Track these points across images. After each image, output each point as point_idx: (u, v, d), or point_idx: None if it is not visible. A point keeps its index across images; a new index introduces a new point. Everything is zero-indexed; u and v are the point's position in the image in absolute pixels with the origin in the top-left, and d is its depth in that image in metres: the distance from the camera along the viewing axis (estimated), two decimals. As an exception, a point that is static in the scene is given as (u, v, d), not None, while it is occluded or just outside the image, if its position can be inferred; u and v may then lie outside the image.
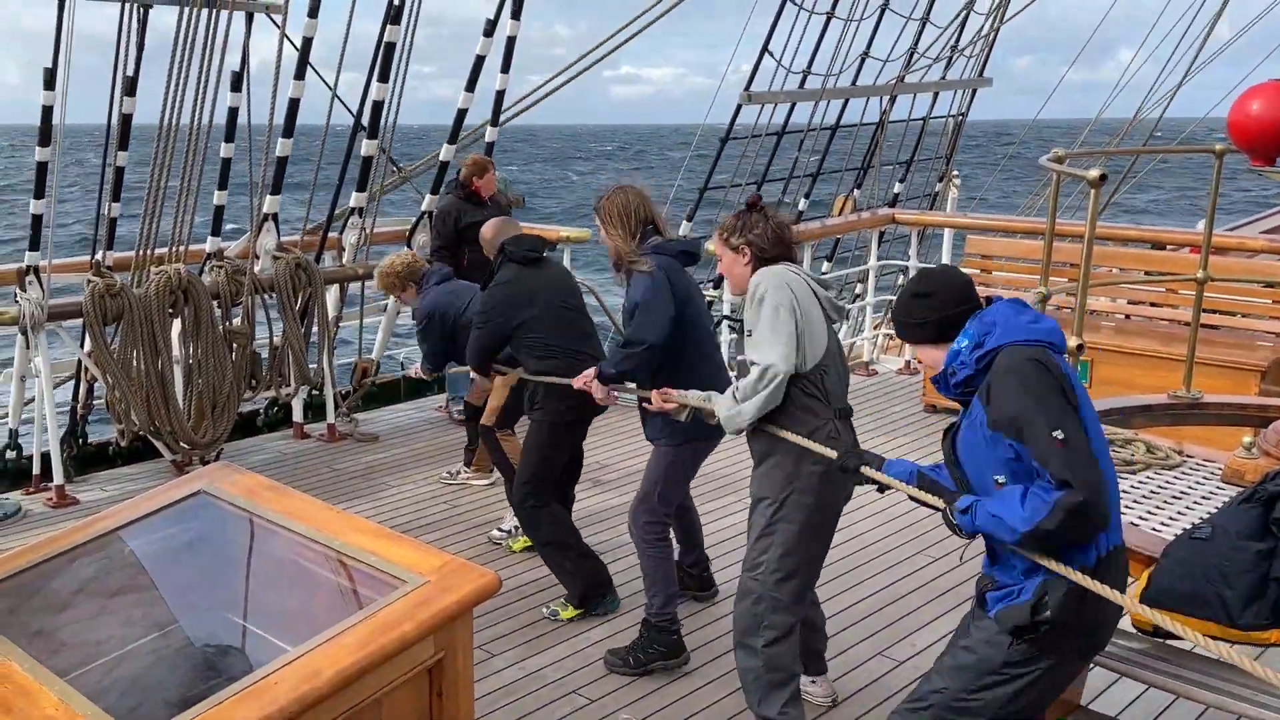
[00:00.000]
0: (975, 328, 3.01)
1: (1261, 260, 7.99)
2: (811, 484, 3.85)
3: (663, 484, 4.73)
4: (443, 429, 8.12)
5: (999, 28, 11.87)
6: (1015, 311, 3.00)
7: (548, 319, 5.20)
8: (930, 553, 5.78)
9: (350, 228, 8.05)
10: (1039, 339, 2.94)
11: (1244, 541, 3.40)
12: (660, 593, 4.75)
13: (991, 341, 2.95)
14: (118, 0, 6.74)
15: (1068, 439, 2.78)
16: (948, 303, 3.07)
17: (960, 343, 3.02)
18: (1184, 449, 4.70)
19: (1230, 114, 4.42)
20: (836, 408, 3.88)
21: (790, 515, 3.88)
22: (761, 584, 3.93)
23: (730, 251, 4.00)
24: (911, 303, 3.14)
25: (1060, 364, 2.94)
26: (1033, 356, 2.89)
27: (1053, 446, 2.79)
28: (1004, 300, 3.06)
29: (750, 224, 3.96)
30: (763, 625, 3.93)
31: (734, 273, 4.03)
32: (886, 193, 11.70)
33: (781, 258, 3.96)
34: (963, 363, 3.00)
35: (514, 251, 5.29)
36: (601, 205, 4.69)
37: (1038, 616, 2.93)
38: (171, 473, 7.15)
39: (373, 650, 2.67)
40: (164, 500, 3.39)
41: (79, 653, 2.89)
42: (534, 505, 5.21)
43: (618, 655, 4.75)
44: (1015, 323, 2.96)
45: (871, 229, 10.36)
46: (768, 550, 3.92)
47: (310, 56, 7.36)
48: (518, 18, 8.08)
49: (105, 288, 6.54)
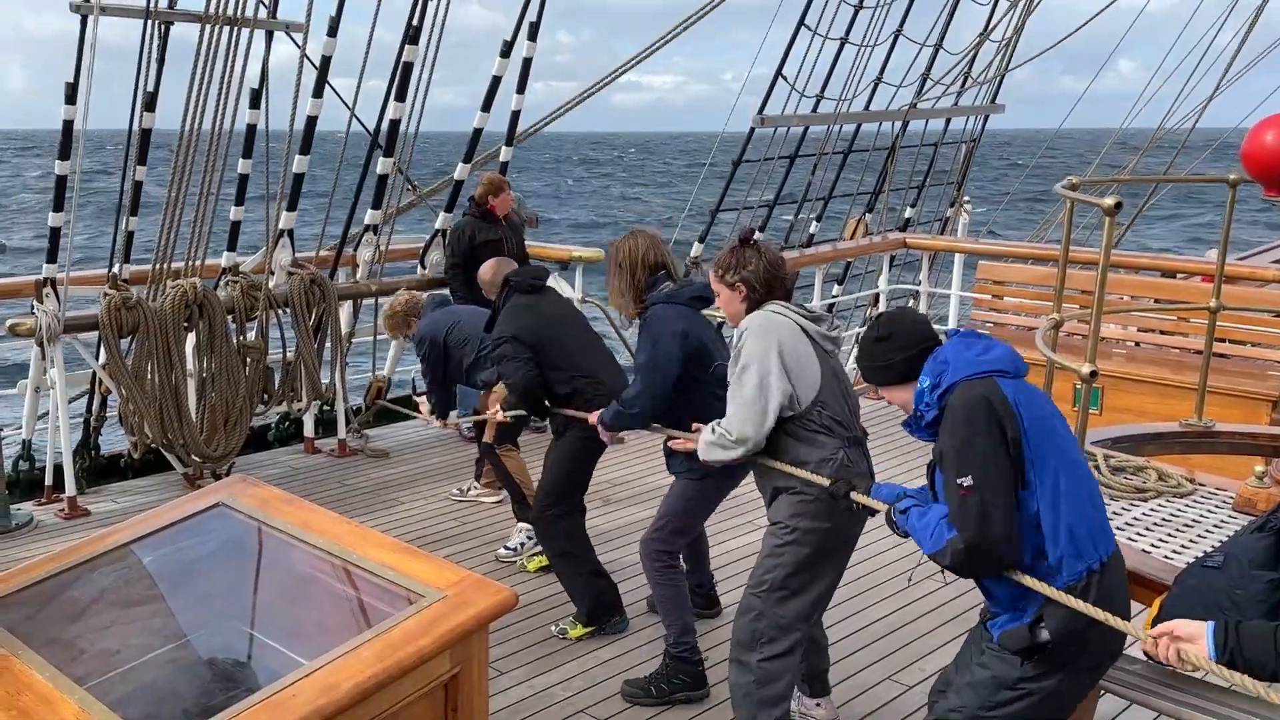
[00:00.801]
0: (930, 367, 3.11)
1: (1273, 290, 8.00)
2: (825, 510, 3.84)
3: (679, 518, 4.73)
4: (453, 446, 8.14)
5: (1011, 56, 11.92)
6: (964, 346, 3.10)
7: (573, 345, 5.27)
8: (940, 576, 5.74)
9: (365, 245, 8.10)
10: (987, 369, 3.02)
11: (1256, 570, 3.40)
12: (676, 622, 4.73)
13: (946, 379, 3.05)
14: (140, 17, 6.81)
15: (973, 487, 2.91)
16: (907, 344, 3.18)
17: (922, 383, 3.12)
18: (1196, 477, 4.70)
19: (1244, 145, 4.46)
20: (846, 436, 3.89)
21: (803, 539, 3.89)
22: (764, 601, 3.93)
23: (726, 289, 4.05)
24: (873, 347, 3.25)
25: (1010, 392, 2.99)
26: (980, 392, 2.97)
27: (955, 493, 2.95)
28: (955, 336, 3.16)
29: (744, 260, 3.99)
30: (760, 641, 3.92)
31: (731, 309, 4.08)
32: (898, 217, 11.74)
33: (775, 293, 4.00)
34: (927, 404, 3.10)
35: (519, 282, 5.39)
36: (610, 252, 4.77)
37: (1036, 639, 2.99)
38: (183, 485, 7.19)
39: (390, 664, 2.69)
40: (183, 512, 3.42)
41: (98, 661, 2.91)
42: (555, 515, 5.22)
43: (637, 685, 4.72)
44: (964, 358, 3.06)
45: (883, 253, 10.40)
46: (774, 569, 3.93)
47: (329, 71, 7.42)
48: (534, 39, 8.14)
49: (121, 301, 6.59)
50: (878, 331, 3.27)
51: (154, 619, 3.19)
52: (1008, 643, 3.06)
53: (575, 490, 5.30)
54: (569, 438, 5.24)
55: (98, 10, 6.51)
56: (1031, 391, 3.08)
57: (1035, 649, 3.00)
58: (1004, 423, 2.93)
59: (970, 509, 2.93)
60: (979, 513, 2.92)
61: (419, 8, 7.55)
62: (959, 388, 3.01)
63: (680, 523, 4.74)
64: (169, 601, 3.30)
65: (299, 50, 7.37)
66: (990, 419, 2.93)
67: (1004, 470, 2.93)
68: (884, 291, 10.58)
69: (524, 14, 8.03)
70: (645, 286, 4.66)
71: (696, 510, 4.78)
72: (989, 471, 2.92)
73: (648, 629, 5.24)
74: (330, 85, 7.45)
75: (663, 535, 4.72)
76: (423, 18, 7.56)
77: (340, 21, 7.46)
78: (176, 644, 3.11)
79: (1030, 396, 3.04)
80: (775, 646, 3.93)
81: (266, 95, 7.26)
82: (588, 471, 5.36)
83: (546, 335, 5.23)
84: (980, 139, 12.46)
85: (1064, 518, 2.97)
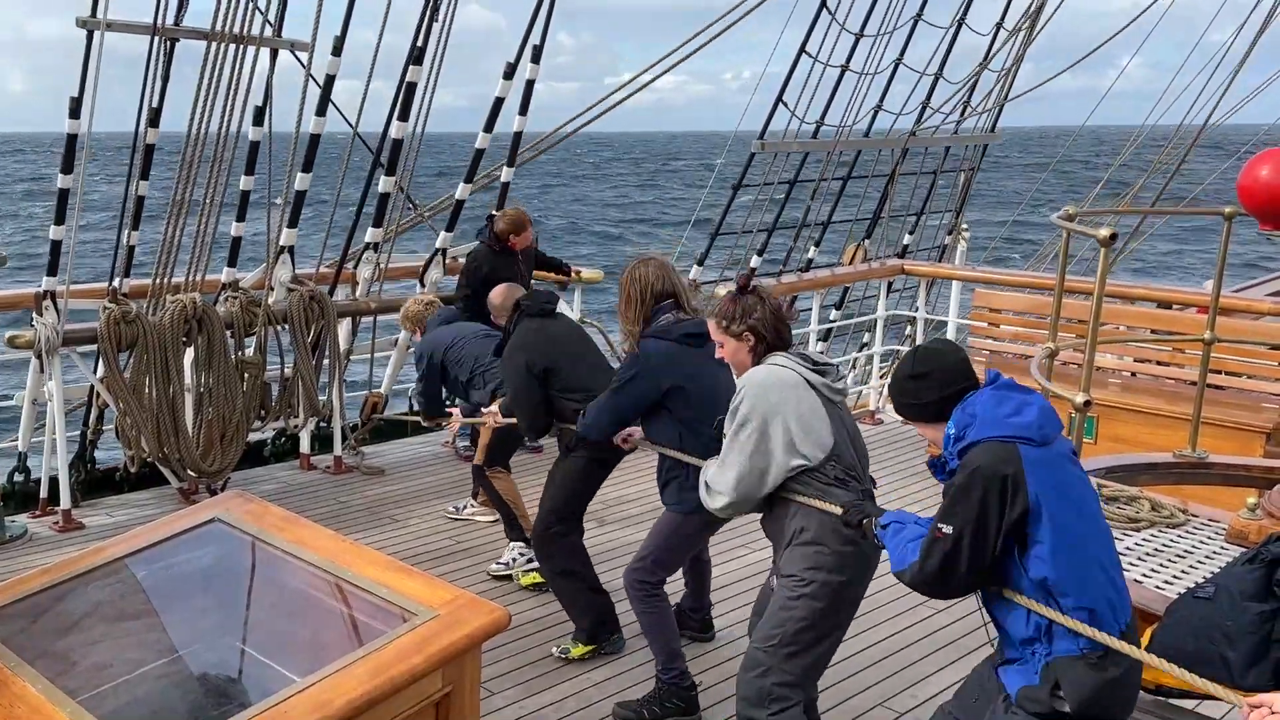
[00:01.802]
0: (959, 417, 3.07)
1: (1268, 322, 8.03)
2: (844, 563, 3.78)
3: (663, 550, 4.72)
4: (449, 464, 8.15)
5: (1010, 86, 11.99)
6: (996, 401, 3.03)
7: (578, 368, 5.33)
8: (933, 603, 5.78)
9: (365, 263, 8.13)
10: (1014, 434, 2.97)
11: (1247, 602, 3.42)
12: (661, 650, 4.73)
13: (971, 435, 3.02)
14: (146, 33, 6.86)
15: (949, 538, 2.95)
16: (945, 382, 3.14)
17: (948, 430, 3.09)
18: (1189, 508, 4.72)
19: (1240, 178, 4.49)
20: (860, 490, 3.84)
21: (818, 594, 3.79)
22: (772, 656, 3.83)
23: (733, 340, 3.94)
24: (909, 383, 3.20)
25: (1029, 464, 2.93)
26: (995, 462, 2.93)
27: (933, 532, 3.00)
28: (988, 389, 3.09)
29: (748, 308, 3.89)
30: (769, 699, 3.84)
31: (739, 360, 3.97)
32: (896, 243, 11.79)
33: (783, 339, 3.93)
34: (950, 454, 3.08)
35: (530, 306, 5.48)
36: (622, 279, 4.76)
37: (1057, 706, 2.96)
38: (178, 500, 7.19)
39: (382, 682, 2.70)
40: (179, 527, 3.43)
41: (91, 675, 2.91)
42: (557, 533, 5.22)
43: (630, 709, 4.70)
44: (993, 415, 3.01)
45: (881, 279, 10.44)
46: (785, 624, 3.81)
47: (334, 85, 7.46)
48: (538, 61, 8.19)
49: (121, 314, 6.61)
50: (914, 367, 3.20)
51: (147, 633, 3.19)
52: (1027, 704, 3.02)
53: (578, 511, 5.31)
54: (576, 457, 5.25)
55: (104, 26, 6.55)
56: (1055, 461, 3.01)
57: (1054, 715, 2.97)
58: (1008, 499, 2.90)
59: (936, 551, 3.00)
60: (942, 560, 2.98)
61: (424, 28, 7.60)
62: (979, 447, 2.97)
63: (664, 555, 4.73)
64: (162, 616, 3.31)
65: (304, 69, 7.41)
66: (997, 493, 2.90)
67: (983, 542, 2.94)
68: (881, 317, 10.61)
69: (528, 35, 8.09)
70: (650, 315, 4.68)
71: (682, 544, 4.78)
72: (970, 536, 2.94)
73: (640, 651, 5.23)
74: (334, 104, 7.49)
75: (645, 566, 4.71)
76: (428, 37, 7.61)
77: (345, 42, 7.50)
78: (169, 659, 3.11)
79: (1052, 468, 2.97)
80: (784, 703, 3.85)
81: (270, 114, 7.31)
82: (592, 492, 5.37)
83: (555, 357, 5.31)
84: (979, 167, 12.52)
85: (1088, 593, 2.94)
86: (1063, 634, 2.96)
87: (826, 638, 3.91)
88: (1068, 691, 2.95)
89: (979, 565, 2.96)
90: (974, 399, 3.07)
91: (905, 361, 3.26)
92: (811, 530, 3.79)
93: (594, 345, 5.65)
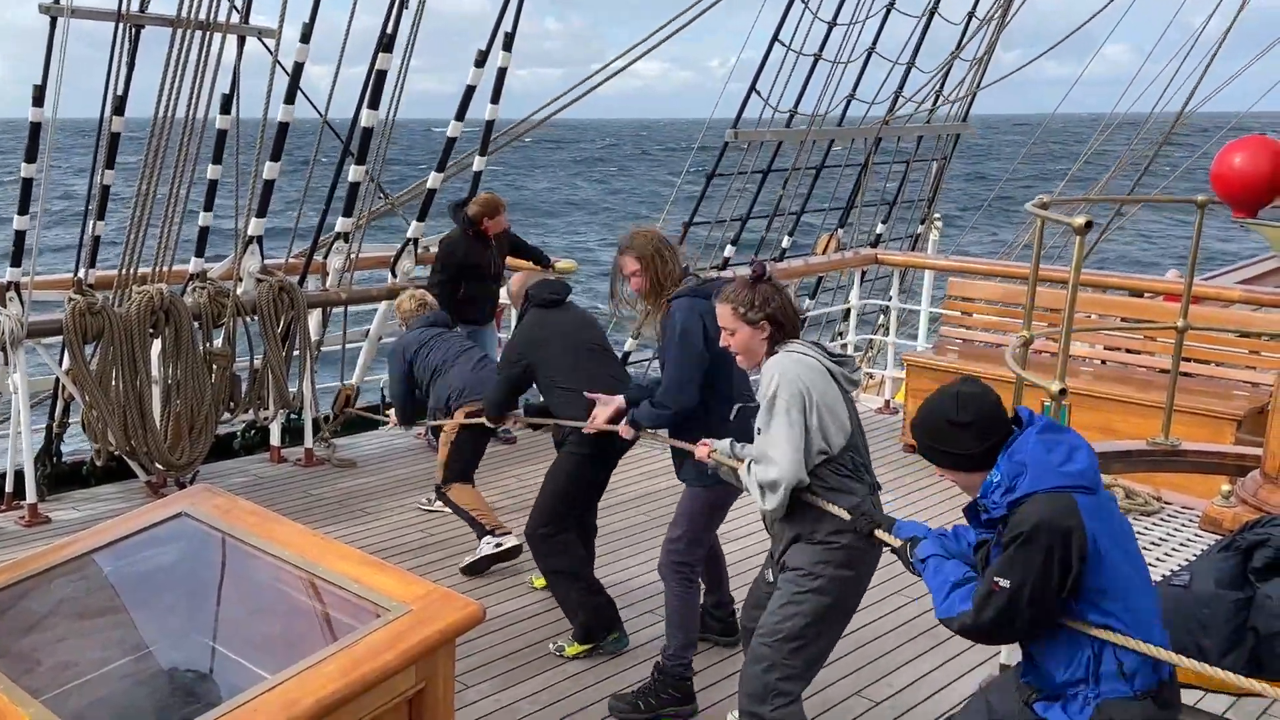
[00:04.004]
0: (1007, 467, 2.96)
1: (1238, 310, 8.08)
2: (850, 557, 3.75)
3: (696, 527, 4.68)
4: (422, 456, 8.09)
5: (982, 75, 12.02)
6: (1045, 449, 2.94)
7: (565, 359, 5.24)
8: (908, 593, 5.78)
9: (335, 253, 8.04)
10: (1070, 485, 2.90)
11: (1222, 590, 3.43)
12: (680, 636, 4.67)
13: (1023, 486, 2.91)
14: (111, 20, 6.74)
15: (1008, 591, 2.86)
16: (988, 431, 3.00)
17: (993, 478, 2.98)
18: (1162, 495, 4.74)
19: (1213, 167, 4.50)
20: (870, 483, 3.82)
21: (825, 588, 3.76)
22: (776, 650, 3.80)
23: (748, 326, 3.84)
24: (952, 431, 3.03)
25: (1087, 514, 2.87)
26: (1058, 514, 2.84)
27: (990, 584, 2.91)
28: (1034, 432, 2.98)
29: (767, 296, 3.82)
30: (773, 693, 3.81)
31: (750, 348, 3.88)
32: (870, 233, 11.80)
33: (796, 330, 3.88)
34: (995, 503, 2.98)
35: (536, 295, 5.42)
36: (635, 243, 4.65)
37: None
38: (146, 493, 7.10)
39: (353, 679, 2.65)
40: (145, 521, 3.37)
41: (56, 674, 2.85)
42: (544, 534, 5.17)
43: (625, 701, 4.66)
44: (1045, 463, 2.91)
45: (854, 268, 10.45)
46: (791, 618, 3.78)
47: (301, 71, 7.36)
48: (509, 49, 8.12)
49: (86, 306, 6.50)
50: (957, 415, 3.02)
51: (113, 630, 3.13)
52: None
53: (569, 511, 5.22)
54: (567, 454, 5.21)
55: (68, 12, 6.44)
56: (1108, 510, 2.97)
57: None
58: (1071, 552, 2.83)
59: (992, 605, 2.90)
60: (997, 614, 2.90)
61: (394, 15, 7.50)
62: (1037, 499, 2.88)
63: (697, 532, 4.70)
64: (129, 613, 3.25)
65: (271, 56, 7.32)
66: (1060, 547, 2.82)
67: (1046, 595, 2.85)
68: (855, 307, 10.61)
69: (499, 24, 8.02)
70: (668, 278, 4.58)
71: (711, 519, 4.75)
72: (1031, 590, 2.85)
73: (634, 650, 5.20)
74: (303, 92, 7.40)
75: (680, 547, 4.67)
76: (397, 25, 7.53)
77: (314, 28, 7.41)
78: (136, 656, 3.06)
79: (1107, 518, 2.94)
80: (787, 697, 3.83)
81: (238, 101, 7.21)
82: (586, 489, 5.29)
83: (543, 352, 5.28)
84: (951, 157, 12.54)
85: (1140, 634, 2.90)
86: (1111, 675, 2.91)
87: (831, 631, 3.89)
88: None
89: (1039, 619, 2.90)
90: (1021, 446, 2.96)
91: (944, 406, 3.07)
92: (820, 532, 3.75)
93: (599, 334, 5.49)
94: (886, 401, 9.60)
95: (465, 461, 6.22)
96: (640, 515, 6.88)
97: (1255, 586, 3.42)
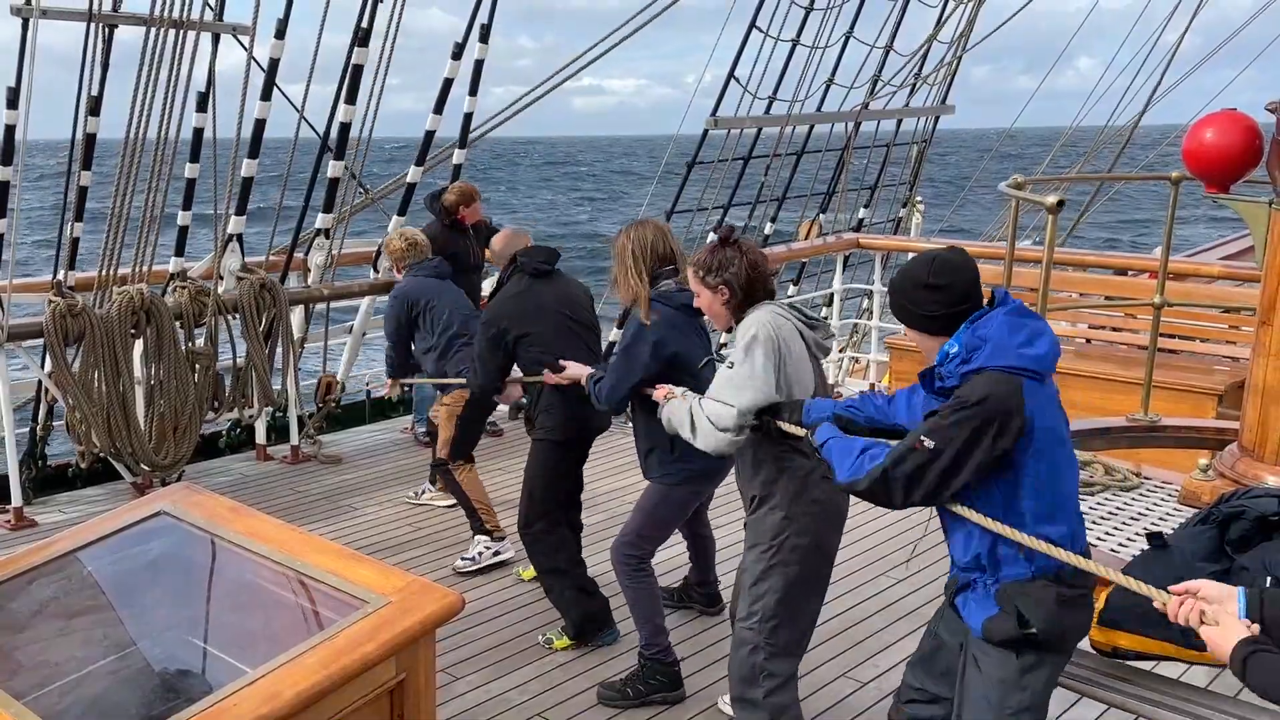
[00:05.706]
0: (966, 339, 2.97)
1: (1218, 286, 8.12)
2: (808, 525, 3.78)
3: (649, 524, 4.67)
4: (408, 450, 8.09)
5: (961, 56, 12.02)
6: (1010, 329, 2.94)
7: (550, 333, 5.10)
8: (893, 574, 5.81)
9: (316, 249, 8.03)
10: (1023, 366, 2.91)
11: (1200, 563, 3.44)
12: (645, 624, 4.69)
13: (977, 360, 2.93)
14: (82, 20, 6.71)
15: (931, 452, 2.89)
16: (958, 298, 3.01)
17: (951, 347, 2.99)
18: (1142, 471, 4.76)
19: (1185, 142, 4.50)
20: None
21: (788, 559, 3.78)
22: (757, 633, 3.83)
23: (708, 290, 3.88)
24: (920, 293, 3.04)
25: (1030, 402, 2.89)
26: (1005, 389, 2.87)
27: (914, 442, 2.93)
28: (1001, 312, 2.99)
29: (726, 261, 3.83)
30: (762, 675, 3.83)
31: (714, 310, 3.93)
32: (851, 217, 11.81)
33: (756, 294, 3.87)
34: (949, 372, 2.99)
35: (525, 263, 5.22)
36: (617, 242, 4.58)
37: (1025, 630, 2.96)
38: (132, 495, 7.08)
39: (334, 671, 2.66)
40: (124, 520, 3.37)
41: (37, 674, 2.85)
42: (541, 530, 5.14)
43: (613, 688, 4.67)
44: (1006, 344, 2.92)
45: (837, 253, 10.46)
46: (763, 597, 3.81)
47: (278, 74, 7.34)
48: (486, 41, 8.11)
49: (66, 308, 6.48)
50: (931, 277, 3.02)
51: (95, 630, 3.13)
52: (993, 635, 3.01)
53: (555, 504, 5.18)
54: (538, 444, 5.17)
55: (38, 13, 6.41)
56: (1048, 401, 2.98)
57: (1022, 640, 2.97)
58: (1001, 434, 2.85)
59: (910, 461, 2.93)
60: (911, 470, 2.93)
61: (368, 10, 7.48)
62: (986, 375, 2.90)
63: (650, 529, 4.68)
64: (111, 612, 3.25)
65: (246, 53, 7.29)
66: (995, 425, 2.85)
67: (958, 468, 2.89)
68: (838, 291, 10.62)
69: (475, 16, 8.00)
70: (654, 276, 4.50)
71: (668, 516, 4.73)
72: (950, 459, 2.88)
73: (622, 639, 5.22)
74: (279, 88, 7.38)
75: (630, 539, 4.67)
76: (372, 19, 7.50)
77: (288, 24, 7.38)
78: (118, 655, 3.05)
79: (1044, 407, 2.95)
80: (776, 678, 3.85)
81: (214, 99, 7.18)
82: (565, 479, 5.23)
83: (529, 324, 5.11)
84: (932, 139, 12.55)
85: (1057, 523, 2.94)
86: (1010, 559, 2.97)
87: (808, 605, 3.91)
88: (1031, 614, 2.94)
89: (941, 489, 2.92)
90: (987, 321, 2.97)
91: (919, 268, 3.07)
92: (775, 497, 3.78)
93: (587, 306, 5.34)
94: (871, 385, 9.63)
95: (473, 439, 6.17)
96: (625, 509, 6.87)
97: (1232, 558, 3.44)
